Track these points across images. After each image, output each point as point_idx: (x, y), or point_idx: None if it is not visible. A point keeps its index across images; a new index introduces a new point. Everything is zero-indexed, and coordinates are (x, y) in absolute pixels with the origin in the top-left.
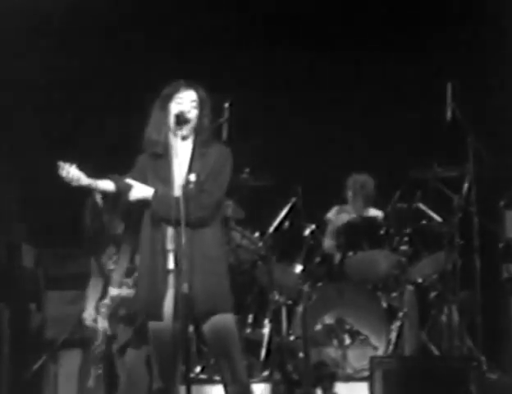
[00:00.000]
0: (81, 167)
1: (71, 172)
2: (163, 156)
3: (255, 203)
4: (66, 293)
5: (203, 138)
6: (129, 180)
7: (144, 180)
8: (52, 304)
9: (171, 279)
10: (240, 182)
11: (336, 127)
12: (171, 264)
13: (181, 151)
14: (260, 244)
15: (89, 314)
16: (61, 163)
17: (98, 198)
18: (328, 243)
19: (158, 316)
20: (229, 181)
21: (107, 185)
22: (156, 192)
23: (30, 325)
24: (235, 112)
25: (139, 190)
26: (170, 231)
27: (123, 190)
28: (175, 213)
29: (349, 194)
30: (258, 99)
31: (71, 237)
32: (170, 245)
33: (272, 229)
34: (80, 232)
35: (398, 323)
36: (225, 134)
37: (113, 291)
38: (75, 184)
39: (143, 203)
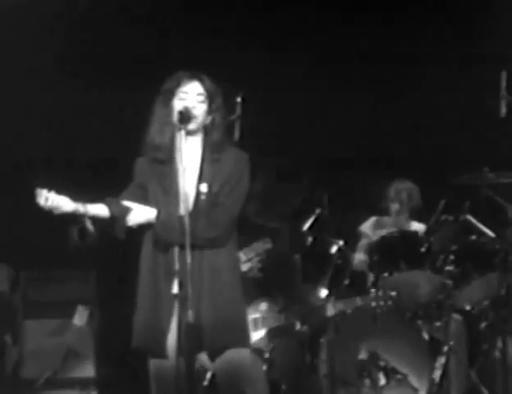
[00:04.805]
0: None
1: (51, 199)
2: (167, 162)
3: None
4: (48, 322)
5: (215, 139)
6: (126, 203)
7: (144, 194)
8: (31, 335)
9: (176, 307)
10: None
11: (367, 127)
12: (175, 289)
13: (189, 156)
14: None
15: None
16: (38, 190)
17: (88, 222)
18: (359, 258)
19: (161, 353)
20: (247, 194)
21: (99, 209)
22: (159, 213)
23: (5, 360)
24: (248, 109)
25: (140, 213)
26: (176, 251)
27: (119, 215)
28: (180, 236)
29: (394, 205)
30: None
31: (54, 259)
32: (176, 267)
33: None
34: (64, 253)
35: (442, 360)
36: (237, 133)
37: None
38: (56, 212)
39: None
